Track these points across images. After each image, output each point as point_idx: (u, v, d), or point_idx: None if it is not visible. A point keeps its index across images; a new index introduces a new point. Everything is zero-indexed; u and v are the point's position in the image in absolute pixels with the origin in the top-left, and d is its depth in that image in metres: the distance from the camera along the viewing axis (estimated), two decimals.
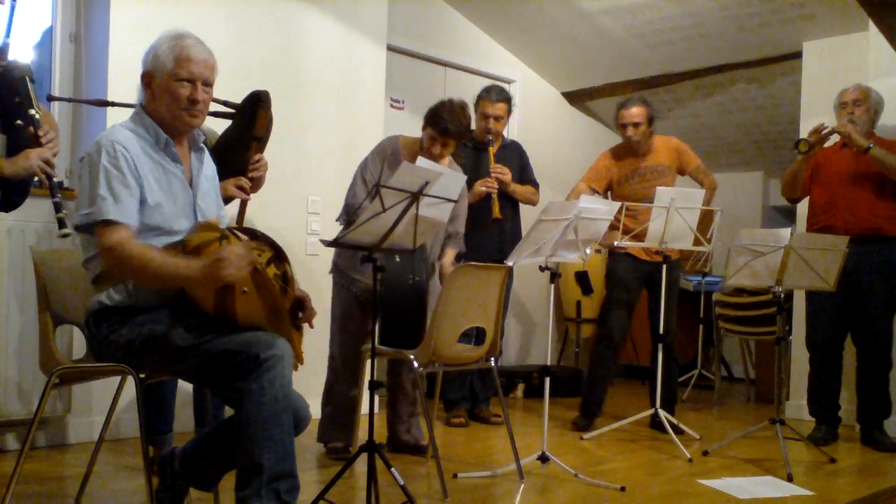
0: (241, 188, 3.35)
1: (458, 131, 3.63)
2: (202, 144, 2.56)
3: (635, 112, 4.56)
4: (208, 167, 2.58)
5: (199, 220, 2.44)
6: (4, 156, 2.82)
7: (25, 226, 3.59)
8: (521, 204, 4.85)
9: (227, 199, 3.25)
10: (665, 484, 3.51)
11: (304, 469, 3.34)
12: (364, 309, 3.62)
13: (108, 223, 2.25)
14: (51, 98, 3.67)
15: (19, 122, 2.81)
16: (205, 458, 2.44)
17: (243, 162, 3.39)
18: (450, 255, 3.80)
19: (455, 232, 3.83)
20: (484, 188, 4.40)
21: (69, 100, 3.85)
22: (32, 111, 2.82)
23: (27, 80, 2.84)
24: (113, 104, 3.35)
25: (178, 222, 2.38)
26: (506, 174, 4.54)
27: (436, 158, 3.63)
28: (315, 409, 3.79)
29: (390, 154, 3.74)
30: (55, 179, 2.85)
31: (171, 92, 2.37)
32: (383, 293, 2.92)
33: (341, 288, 3.74)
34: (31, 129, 2.80)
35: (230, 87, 3.62)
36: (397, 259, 3.43)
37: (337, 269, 3.77)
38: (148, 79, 2.42)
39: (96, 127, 3.79)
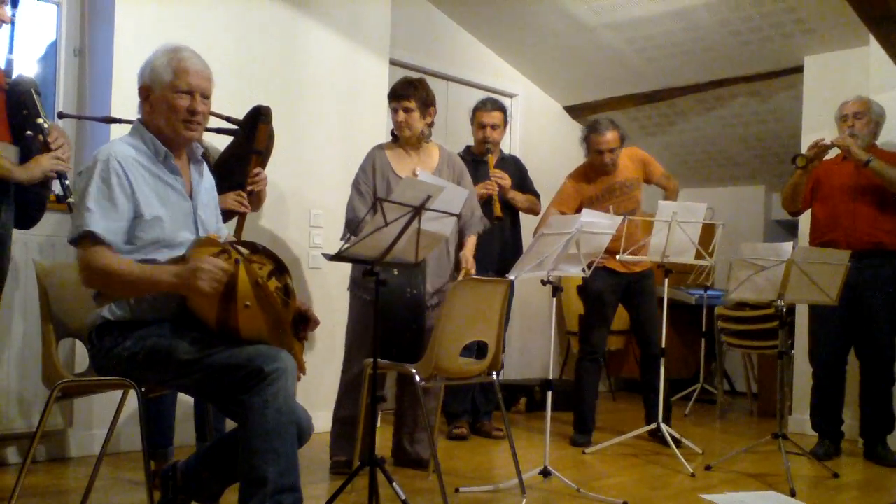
0: (240, 202, 3.37)
1: (402, 86, 3.76)
2: (200, 157, 2.57)
3: (611, 138, 4.53)
4: (207, 179, 2.60)
5: (200, 230, 2.46)
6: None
7: (28, 239, 3.59)
8: (521, 214, 4.87)
9: (228, 213, 3.27)
10: (668, 499, 3.50)
11: (308, 483, 3.33)
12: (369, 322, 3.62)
13: (88, 235, 2.26)
14: (61, 115, 3.70)
15: (29, 132, 2.87)
16: (208, 472, 2.45)
17: (243, 176, 3.41)
18: (471, 243, 3.81)
19: (467, 214, 3.81)
20: (484, 190, 4.43)
21: (78, 117, 3.87)
22: (40, 120, 2.88)
23: (33, 92, 2.91)
24: (120, 121, 3.38)
25: (179, 234, 2.39)
26: (505, 179, 4.58)
27: (403, 128, 3.74)
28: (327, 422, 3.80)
29: (376, 158, 3.80)
30: (66, 182, 2.90)
31: (169, 104, 2.39)
32: (381, 307, 2.93)
33: (356, 301, 3.77)
34: (40, 136, 2.86)
35: (232, 102, 3.64)
36: (395, 272, 3.44)
37: (353, 283, 3.80)
38: (146, 92, 2.43)
39: (100, 141, 3.80)
